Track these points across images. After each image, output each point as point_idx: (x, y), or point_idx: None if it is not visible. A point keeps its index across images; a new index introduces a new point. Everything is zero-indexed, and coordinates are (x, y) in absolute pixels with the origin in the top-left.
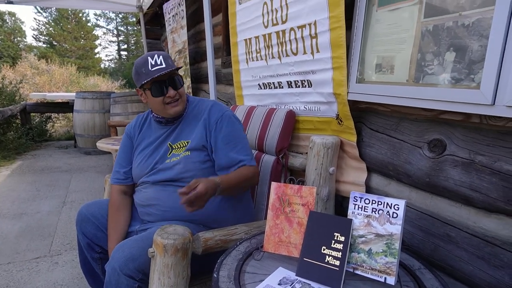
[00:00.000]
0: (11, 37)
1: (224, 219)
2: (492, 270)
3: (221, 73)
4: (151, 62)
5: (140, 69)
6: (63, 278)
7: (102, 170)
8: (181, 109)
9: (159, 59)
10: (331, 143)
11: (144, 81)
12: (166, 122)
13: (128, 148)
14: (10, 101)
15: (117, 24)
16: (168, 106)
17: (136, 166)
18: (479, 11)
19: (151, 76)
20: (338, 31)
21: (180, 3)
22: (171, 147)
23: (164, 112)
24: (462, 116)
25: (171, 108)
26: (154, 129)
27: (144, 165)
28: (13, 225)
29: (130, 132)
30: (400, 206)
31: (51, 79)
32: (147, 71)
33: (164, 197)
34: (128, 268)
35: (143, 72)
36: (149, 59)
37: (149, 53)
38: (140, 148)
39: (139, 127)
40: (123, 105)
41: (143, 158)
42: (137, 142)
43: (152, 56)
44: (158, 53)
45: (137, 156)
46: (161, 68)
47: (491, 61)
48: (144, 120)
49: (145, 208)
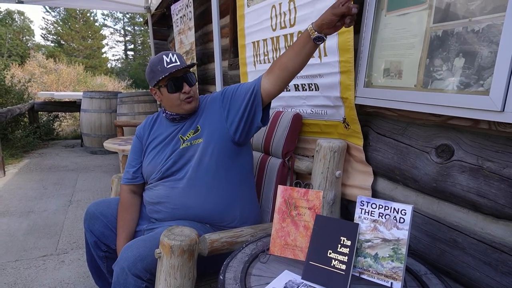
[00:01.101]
0: (20, 36)
1: (231, 218)
2: (499, 276)
3: (227, 75)
4: (166, 60)
5: (156, 67)
6: (69, 276)
7: (108, 169)
8: (195, 105)
9: (174, 57)
10: (338, 146)
11: (161, 77)
12: (180, 119)
13: (137, 149)
14: (18, 99)
15: (124, 24)
16: (184, 102)
17: (147, 164)
18: (489, 17)
19: (167, 72)
20: (346, 35)
21: (188, 5)
22: (182, 139)
23: (180, 108)
24: (471, 122)
25: (187, 104)
26: (165, 127)
27: (156, 161)
28: (20, 223)
29: (140, 133)
30: (407, 212)
31: (58, 78)
32: (162, 68)
33: (174, 195)
34: (137, 268)
35: (159, 70)
36: (164, 57)
37: (164, 52)
38: (152, 146)
39: (149, 127)
40: (130, 105)
41: (155, 155)
42: (148, 141)
43: (167, 55)
44: (172, 52)
45: (148, 154)
46: (176, 65)
47: (501, 68)
48: (154, 120)
49: (154, 206)
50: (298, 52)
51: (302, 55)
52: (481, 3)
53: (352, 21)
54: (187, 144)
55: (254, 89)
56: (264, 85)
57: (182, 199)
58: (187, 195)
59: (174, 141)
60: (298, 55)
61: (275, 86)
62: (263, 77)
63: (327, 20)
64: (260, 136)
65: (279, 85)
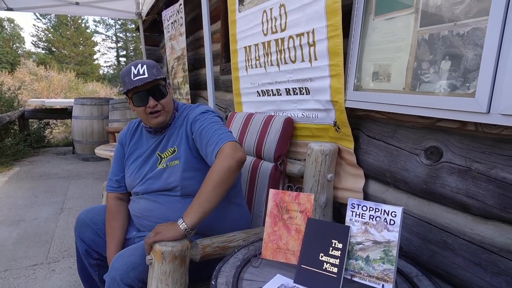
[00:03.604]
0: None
1: (221, 228)
2: (489, 276)
3: (219, 80)
4: (133, 72)
5: (124, 78)
6: (60, 285)
7: (100, 176)
8: (163, 120)
9: (142, 68)
10: (329, 150)
11: (125, 90)
12: (154, 132)
13: (120, 156)
14: (8, 107)
15: (116, 30)
16: (150, 116)
17: (128, 177)
18: (473, 21)
19: (131, 85)
20: (335, 39)
21: (179, 11)
22: (160, 157)
23: (148, 122)
24: (458, 124)
25: (153, 119)
26: (145, 139)
27: (135, 176)
28: (10, 232)
29: (122, 140)
30: (397, 213)
31: (49, 85)
32: (129, 80)
33: (157, 209)
34: (129, 277)
35: (126, 81)
36: (132, 69)
37: (134, 62)
38: (132, 158)
39: (130, 135)
40: (121, 112)
41: (135, 169)
42: (129, 151)
43: (136, 66)
44: (143, 62)
45: (129, 166)
46: (142, 78)
47: (485, 70)
48: (135, 127)
49: (139, 220)
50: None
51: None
52: (465, 7)
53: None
54: (163, 166)
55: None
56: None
57: (165, 213)
58: (171, 209)
59: (152, 158)
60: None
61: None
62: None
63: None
64: (251, 140)
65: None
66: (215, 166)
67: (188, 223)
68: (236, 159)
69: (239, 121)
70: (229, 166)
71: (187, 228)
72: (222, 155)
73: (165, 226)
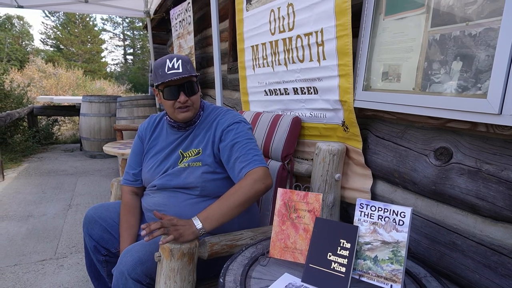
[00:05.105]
0: (19, 41)
1: (230, 227)
2: (499, 279)
3: (227, 78)
4: (168, 65)
5: (157, 70)
6: (68, 280)
7: (108, 173)
8: (190, 115)
9: (177, 63)
10: (337, 149)
11: (158, 82)
12: (178, 127)
13: (138, 150)
14: (18, 104)
15: (124, 28)
16: (178, 111)
17: (146, 171)
18: (486, 21)
19: (165, 79)
20: (344, 39)
21: (187, 9)
22: (182, 155)
23: (174, 116)
24: (469, 124)
25: (180, 113)
26: (167, 134)
27: (155, 171)
28: (19, 227)
29: (142, 134)
30: (406, 214)
31: (58, 83)
32: (163, 73)
33: (172, 204)
34: (136, 273)
35: (160, 74)
36: (167, 62)
37: (169, 56)
38: (152, 152)
39: (151, 130)
40: (129, 109)
41: (155, 164)
42: (149, 145)
43: (171, 59)
44: (178, 56)
45: (148, 160)
46: (176, 73)
47: (498, 71)
48: (157, 122)
49: (152, 213)
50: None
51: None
52: (477, 8)
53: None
54: (185, 165)
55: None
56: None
57: (180, 209)
58: (185, 206)
59: (174, 155)
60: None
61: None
62: (242, 177)
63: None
64: (259, 139)
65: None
66: (246, 185)
67: (207, 228)
68: (266, 185)
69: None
70: (259, 189)
71: (204, 232)
72: (253, 177)
73: (184, 227)
